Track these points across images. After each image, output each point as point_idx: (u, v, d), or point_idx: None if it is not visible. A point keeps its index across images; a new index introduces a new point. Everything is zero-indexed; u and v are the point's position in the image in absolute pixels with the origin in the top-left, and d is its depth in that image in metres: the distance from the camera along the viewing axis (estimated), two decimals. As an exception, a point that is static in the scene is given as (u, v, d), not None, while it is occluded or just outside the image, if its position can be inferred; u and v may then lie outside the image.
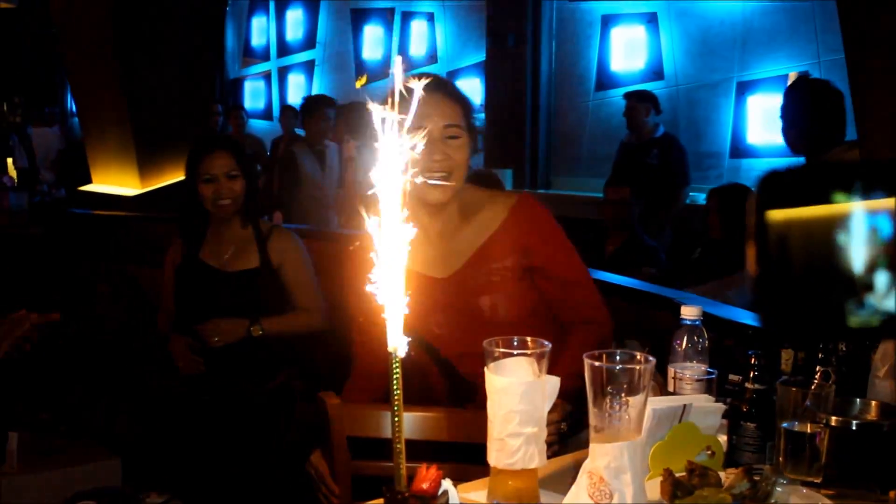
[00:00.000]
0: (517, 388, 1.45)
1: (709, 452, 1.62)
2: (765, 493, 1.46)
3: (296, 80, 11.23)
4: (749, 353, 1.73)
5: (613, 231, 4.91)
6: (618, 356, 1.41)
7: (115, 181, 6.18)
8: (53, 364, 3.58)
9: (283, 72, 11.42)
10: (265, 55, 11.75)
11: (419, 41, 9.41)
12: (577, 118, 8.22)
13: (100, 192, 6.20)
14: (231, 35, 12.07)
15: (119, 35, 5.80)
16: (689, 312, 1.89)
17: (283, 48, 11.44)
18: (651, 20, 7.68)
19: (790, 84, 4.54)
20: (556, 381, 1.52)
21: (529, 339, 1.50)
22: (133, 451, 3.16)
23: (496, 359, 1.49)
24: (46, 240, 5.40)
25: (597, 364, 1.39)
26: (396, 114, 1.17)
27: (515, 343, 1.50)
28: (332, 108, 6.37)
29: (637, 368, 1.38)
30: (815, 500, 1.51)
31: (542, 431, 1.48)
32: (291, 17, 11.35)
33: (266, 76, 11.69)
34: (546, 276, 2.22)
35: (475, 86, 8.61)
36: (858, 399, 1.77)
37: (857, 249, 0.75)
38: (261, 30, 11.87)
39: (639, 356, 1.40)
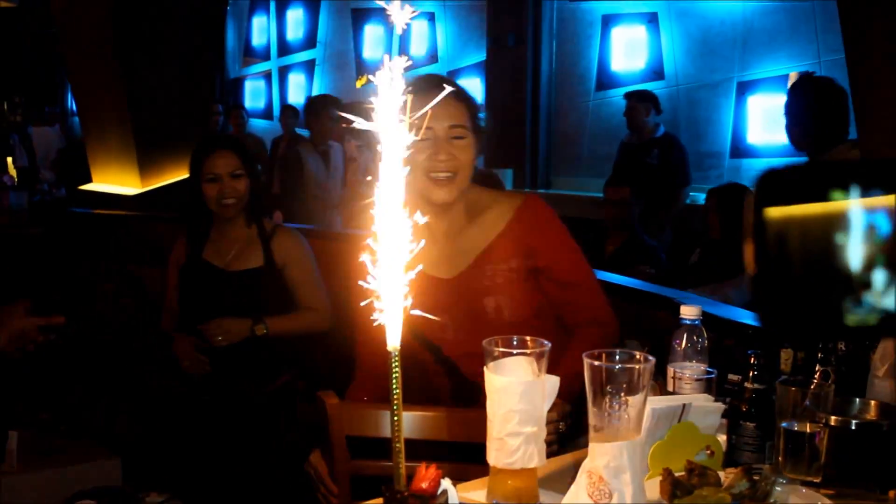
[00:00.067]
0: (516, 388, 1.45)
1: (708, 452, 1.62)
2: (764, 493, 1.46)
3: (296, 80, 11.23)
4: (748, 353, 1.74)
5: (613, 231, 4.91)
6: (617, 356, 1.41)
7: (116, 180, 6.18)
8: (54, 364, 3.58)
9: (284, 71, 11.42)
10: (265, 55, 11.76)
11: (420, 41, 9.41)
12: (578, 118, 8.22)
13: (100, 192, 6.20)
14: (231, 35, 12.07)
15: (119, 35, 5.80)
16: (689, 312, 1.89)
17: (284, 48, 11.45)
18: (651, 20, 7.68)
19: (794, 81, 4.53)
20: (556, 381, 1.52)
21: (529, 339, 1.50)
22: (133, 451, 3.16)
23: (495, 358, 1.49)
24: (46, 239, 5.41)
25: (596, 363, 1.39)
26: (396, 114, 1.17)
27: (515, 342, 1.50)
28: (337, 108, 6.36)
29: (636, 368, 1.38)
30: (815, 500, 1.51)
31: (542, 431, 1.48)
32: (292, 17, 11.36)
33: (266, 76, 11.69)
34: (551, 278, 2.21)
35: (475, 86, 8.60)
36: (858, 399, 1.77)
37: (856, 247, 0.75)
38: (261, 29, 11.88)
39: (638, 356, 1.40)
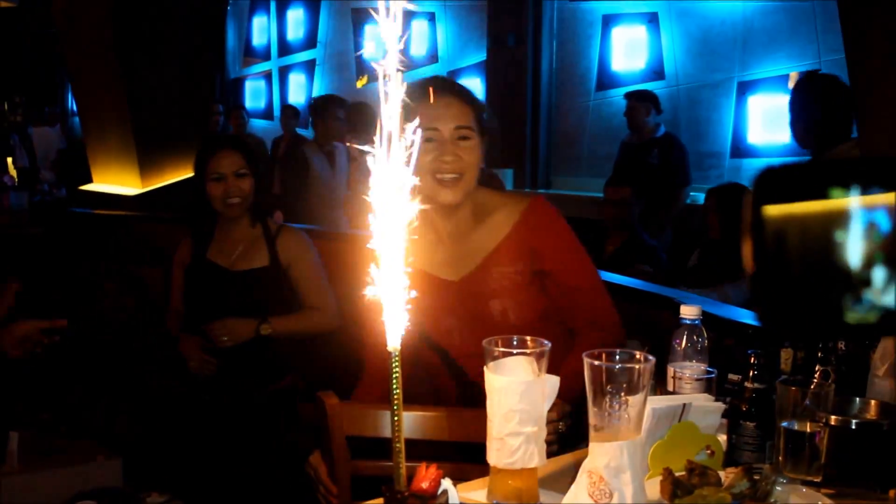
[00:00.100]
0: (517, 388, 1.45)
1: (708, 452, 1.62)
2: (764, 493, 1.46)
3: (296, 80, 11.23)
4: (749, 353, 1.73)
5: (613, 231, 4.91)
6: (617, 355, 1.41)
7: (116, 181, 6.18)
8: (54, 364, 3.58)
9: (284, 71, 11.42)
10: (266, 55, 11.76)
11: (420, 41, 9.41)
12: (578, 118, 8.22)
13: (100, 192, 6.20)
14: (232, 35, 12.07)
15: (119, 35, 5.80)
16: (689, 312, 1.89)
17: (284, 48, 11.45)
18: (652, 20, 7.68)
19: (799, 79, 4.52)
20: (556, 381, 1.52)
21: (529, 339, 1.51)
22: (134, 451, 3.16)
23: (495, 358, 1.49)
24: (47, 239, 5.41)
25: (596, 363, 1.39)
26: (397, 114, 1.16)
27: (515, 342, 1.50)
28: (343, 109, 6.35)
29: (636, 367, 1.38)
30: (815, 500, 1.51)
31: (542, 431, 1.48)
32: (292, 17, 11.36)
33: (267, 76, 11.69)
34: (556, 280, 2.20)
35: (475, 85, 8.60)
36: (858, 398, 1.77)
37: (855, 245, 0.75)
38: (261, 29, 11.88)
39: (638, 355, 1.40)
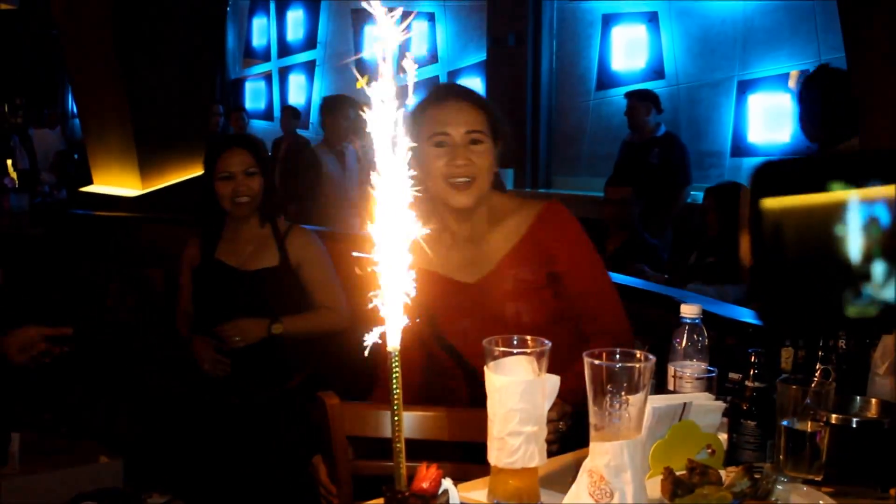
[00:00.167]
0: (517, 387, 1.45)
1: (709, 451, 1.62)
2: (765, 492, 1.46)
3: (296, 81, 11.24)
4: (749, 352, 1.73)
5: (614, 230, 4.91)
6: (618, 355, 1.41)
7: (116, 182, 6.18)
8: (56, 365, 3.58)
9: (284, 72, 11.43)
10: (266, 55, 11.77)
11: (420, 41, 9.42)
12: (578, 118, 8.22)
13: (101, 193, 6.20)
14: (232, 35, 12.08)
15: (120, 35, 5.80)
16: (689, 311, 1.89)
17: (284, 48, 11.46)
18: (652, 19, 7.68)
19: (809, 73, 4.52)
20: (556, 380, 1.52)
21: (529, 338, 1.51)
22: (135, 452, 3.16)
23: (496, 358, 1.49)
24: (47, 241, 5.41)
25: (596, 362, 1.39)
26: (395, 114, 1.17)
27: (515, 342, 1.50)
28: (354, 109, 6.32)
29: (637, 367, 1.38)
30: (816, 498, 1.51)
31: (543, 430, 1.48)
32: (292, 18, 11.37)
33: (267, 76, 11.70)
34: (568, 283, 2.21)
35: (476, 85, 8.61)
36: (858, 397, 1.77)
37: (854, 238, 0.75)
38: (261, 30, 11.89)
39: (638, 354, 1.40)
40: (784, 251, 0.77)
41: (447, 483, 1.31)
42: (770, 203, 0.76)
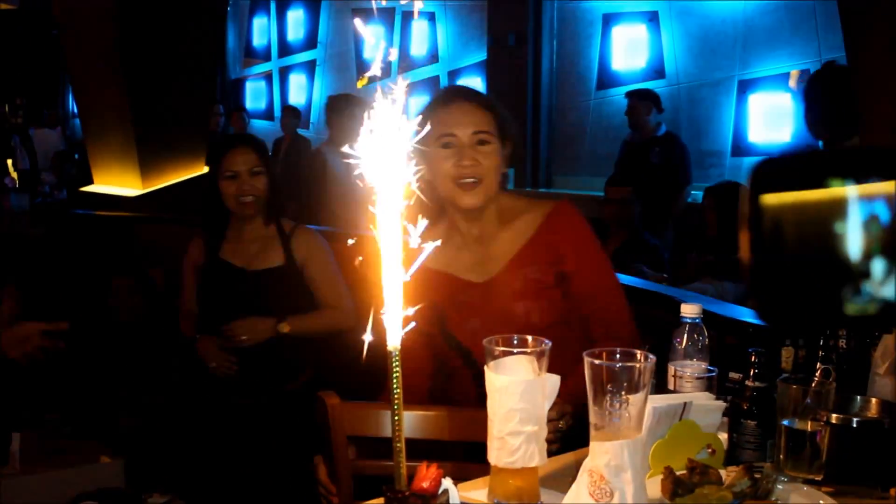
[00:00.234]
0: (517, 387, 1.45)
1: (709, 450, 1.62)
2: (765, 491, 1.46)
3: (297, 81, 11.24)
4: (749, 351, 1.73)
5: (615, 230, 4.90)
6: (618, 354, 1.41)
7: (117, 182, 6.18)
8: (57, 364, 3.58)
9: (285, 72, 11.43)
10: (266, 55, 11.77)
11: (420, 41, 9.41)
12: (579, 117, 8.22)
13: (101, 193, 6.20)
14: (232, 35, 12.08)
15: (121, 35, 5.80)
16: (689, 310, 1.89)
17: (284, 48, 11.46)
18: (652, 19, 7.68)
19: (815, 71, 4.51)
20: (557, 380, 1.52)
21: (529, 338, 1.51)
22: (136, 452, 3.16)
23: (496, 357, 1.49)
24: (48, 241, 5.41)
25: (597, 362, 1.39)
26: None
27: (515, 341, 1.50)
28: (360, 108, 6.32)
29: (637, 366, 1.38)
30: (816, 498, 1.51)
31: (543, 430, 1.48)
32: (292, 17, 11.37)
33: (267, 76, 11.70)
34: (576, 283, 2.21)
35: (476, 85, 8.61)
36: (859, 396, 1.77)
37: (854, 235, 0.75)
38: (262, 30, 11.89)
39: (639, 354, 1.40)
40: (783, 248, 0.77)
41: (447, 483, 1.31)
42: (769, 199, 0.76)
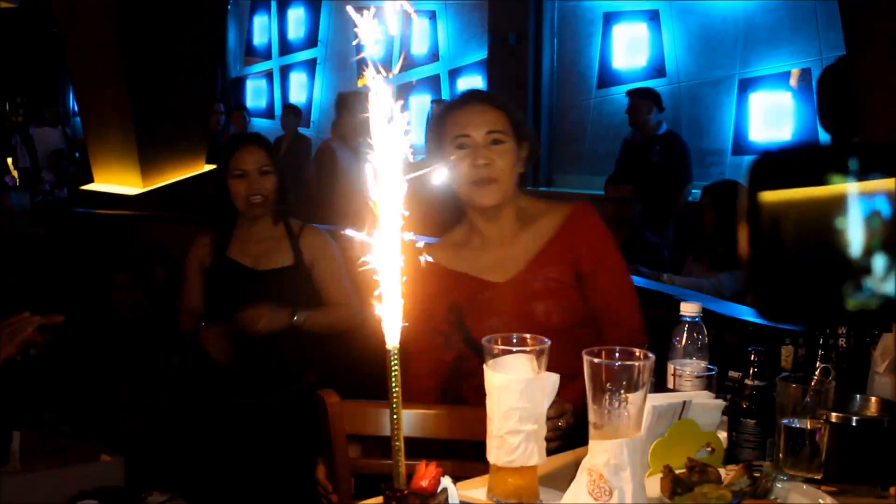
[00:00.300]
0: (516, 385, 1.45)
1: (709, 449, 1.62)
2: (764, 490, 1.46)
3: (298, 79, 11.23)
4: (749, 350, 1.73)
5: (615, 229, 4.89)
6: (617, 353, 1.41)
7: (117, 180, 6.18)
8: (56, 363, 3.58)
9: (285, 70, 11.42)
10: (267, 54, 11.76)
11: (421, 39, 9.40)
12: (579, 116, 8.21)
13: (101, 192, 6.20)
14: (233, 34, 12.07)
15: (122, 33, 5.81)
16: (689, 309, 1.89)
17: (285, 47, 11.44)
18: (653, 17, 7.68)
19: (827, 66, 4.51)
20: (556, 379, 1.52)
21: (529, 336, 1.51)
22: (137, 451, 3.16)
23: (495, 356, 1.49)
24: (48, 240, 5.42)
25: (596, 361, 1.39)
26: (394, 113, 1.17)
27: (515, 340, 1.50)
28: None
29: (636, 365, 1.38)
30: (815, 497, 1.51)
31: (542, 429, 1.48)
32: (293, 16, 11.35)
33: (268, 75, 11.69)
34: (590, 284, 2.21)
35: (477, 83, 8.60)
36: (858, 395, 1.77)
37: (854, 231, 0.75)
38: (262, 28, 11.87)
39: (638, 353, 1.40)
40: (782, 242, 0.77)
41: (446, 481, 1.31)
42: (768, 194, 0.76)
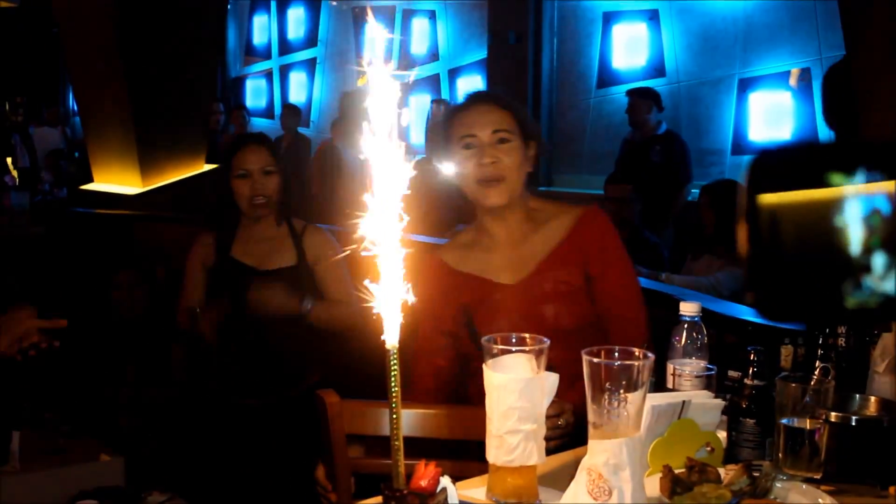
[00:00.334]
0: (516, 385, 1.45)
1: (708, 449, 1.62)
2: (764, 490, 1.46)
3: (297, 79, 11.23)
4: (748, 349, 1.73)
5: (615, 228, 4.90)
6: (616, 352, 1.41)
7: (117, 180, 6.18)
8: (56, 363, 3.58)
9: (285, 70, 11.42)
10: (267, 53, 11.75)
11: (421, 39, 9.40)
12: (579, 116, 8.21)
13: (101, 191, 6.20)
14: (232, 33, 12.07)
15: (122, 33, 5.81)
16: (688, 309, 1.89)
17: (285, 46, 11.44)
18: (653, 17, 7.68)
19: (832, 65, 4.50)
20: (555, 378, 1.52)
21: (528, 336, 1.51)
22: (136, 450, 3.16)
23: (494, 356, 1.49)
24: (48, 239, 5.42)
25: (595, 360, 1.39)
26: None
27: (514, 340, 1.50)
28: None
29: (636, 364, 1.38)
30: (815, 497, 1.51)
31: (541, 428, 1.48)
32: (293, 15, 11.35)
33: (267, 74, 11.69)
34: (598, 286, 2.21)
35: (476, 83, 8.60)
36: (858, 395, 1.77)
37: (854, 230, 0.75)
38: (262, 28, 11.87)
39: (637, 352, 1.40)
40: (781, 240, 0.77)
41: (445, 481, 1.31)
42: (767, 192, 0.76)
